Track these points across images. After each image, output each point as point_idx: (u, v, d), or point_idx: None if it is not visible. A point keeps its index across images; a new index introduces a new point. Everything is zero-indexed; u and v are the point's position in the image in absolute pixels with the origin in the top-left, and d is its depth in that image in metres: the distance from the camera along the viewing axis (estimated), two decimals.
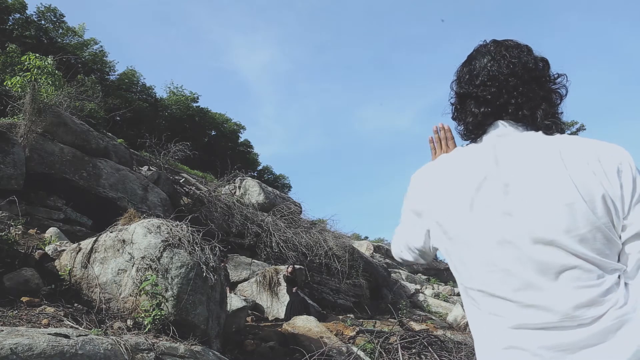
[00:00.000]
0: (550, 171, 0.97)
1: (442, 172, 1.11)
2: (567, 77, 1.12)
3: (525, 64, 1.09)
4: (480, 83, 1.11)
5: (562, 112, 1.13)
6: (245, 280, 10.79)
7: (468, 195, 1.02)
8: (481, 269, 1.00)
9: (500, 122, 1.10)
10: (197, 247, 5.58)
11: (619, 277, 0.96)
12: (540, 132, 1.07)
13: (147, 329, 4.60)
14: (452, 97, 1.22)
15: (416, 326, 9.96)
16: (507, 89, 1.09)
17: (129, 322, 4.71)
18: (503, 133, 1.09)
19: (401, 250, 1.30)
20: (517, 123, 1.10)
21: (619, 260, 0.97)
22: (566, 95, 1.12)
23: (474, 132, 1.15)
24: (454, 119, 1.23)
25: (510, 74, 1.09)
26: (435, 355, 6.44)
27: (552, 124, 1.09)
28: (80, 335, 3.60)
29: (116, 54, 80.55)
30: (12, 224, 6.53)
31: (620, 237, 0.96)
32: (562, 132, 1.09)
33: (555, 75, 1.12)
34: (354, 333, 7.99)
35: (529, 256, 0.95)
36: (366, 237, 25.66)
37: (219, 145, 31.33)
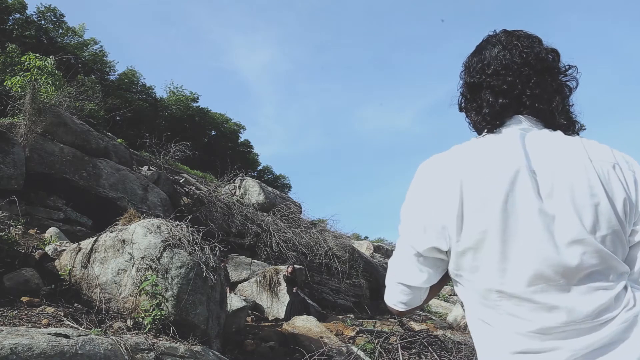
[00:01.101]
0: (581, 171, 0.96)
1: (465, 162, 1.01)
2: (577, 69, 1.10)
3: (538, 54, 1.07)
4: (493, 72, 1.08)
5: (573, 104, 1.11)
6: (245, 280, 10.80)
7: (502, 190, 0.95)
8: (506, 268, 0.96)
9: (521, 117, 1.07)
10: (197, 247, 5.58)
11: (629, 279, 0.98)
12: (559, 132, 1.05)
13: (147, 329, 4.60)
14: (461, 87, 1.17)
15: (416, 326, 9.96)
16: (521, 79, 1.06)
17: (129, 322, 4.71)
18: (525, 128, 1.05)
19: (410, 275, 1.07)
20: (535, 119, 1.07)
21: (626, 264, 0.99)
22: (576, 87, 1.10)
23: (491, 122, 1.09)
24: (462, 109, 1.18)
25: (524, 63, 1.06)
26: (435, 355, 6.44)
27: (568, 123, 1.08)
28: (80, 335, 3.60)
29: (116, 54, 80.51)
30: (12, 224, 6.53)
31: (628, 242, 0.98)
32: (577, 131, 1.09)
33: (567, 67, 1.10)
34: (354, 333, 7.99)
35: (558, 256, 0.93)
36: (366, 237, 25.64)
37: (219, 145, 31.33)
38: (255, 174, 30.26)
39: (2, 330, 3.35)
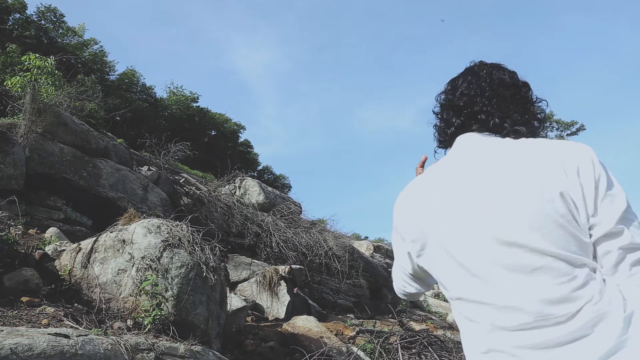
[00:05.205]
0: (513, 172, 1.00)
1: (418, 189, 1.16)
2: (547, 102, 1.18)
3: (503, 80, 1.17)
4: (459, 93, 1.19)
5: (541, 132, 1.19)
6: (245, 280, 10.79)
7: (440, 205, 1.06)
8: (458, 275, 1.02)
9: (469, 133, 1.16)
10: (197, 247, 5.58)
11: (594, 272, 0.96)
12: (507, 138, 1.11)
13: (147, 329, 4.60)
14: (435, 107, 1.30)
15: (416, 326, 9.96)
16: (481, 99, 1.15)
17: (129, 322, 4.71)
18: (470, 141, 1.14)
19: (404, 286, 1.30)
20: (485, 131, 1.15)
21: (594, 259, 0.97)
22: (544, 118, 1.19)
23: (442, 136, 1.24)
24: (434, 127, 1.31)
25: (487, 86, 1.16)
26: (435, 355, 6.44)
27: (521, 130, 1.13)
28: (80, 335, 3.60)
29: (116, 54, 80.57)
30: (12, 224, 6.53)
31: (590, 236, 0.97)
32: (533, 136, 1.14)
33: (536, 99, 1.18)
34: (354, 333, 7.99)
35: (498, 258, 0.96)
36: (366, 237, 25.64)
37: (219, 145, 31.30)
38: (255, 174, 30.26)
39: (2, 330, 3.35)
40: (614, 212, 0.95)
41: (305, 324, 7.80)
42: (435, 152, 1.29)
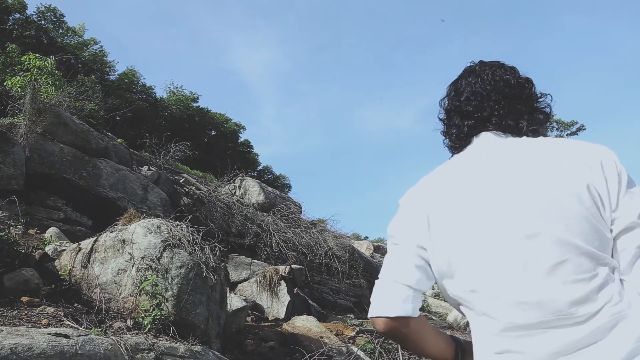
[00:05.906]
0: (536, 168, 0.99)
1: (430, 188, 1.13)
2: (551, 96, 1.18)
3: (507, 81, 1.16)
4: (465, 98, 1.18)
5: (547, 125, 1.19)
6: (245, 280, 10.79)
7: (458, 200, 1.04)
8: (475, 268, 1.00)
9: (484, 132, 1.15)
10: (197, 247, 5.58)
11: (613, 272, 0.95)
12: (524, 137, 1.11)
13: (147, 329, 4.60)
14: (440, 113, 1.28)
15: None
16: (489, 103, 1.15)
17: (129, 322, 4.71)
18: (487, 140, 1.13)
19: (395, 276, 1.10)
20: (501, 131, 1.14)
21: (612, 257, 0.96)
22: (550, 112, 1.19)
23: (456, 142, 1.20)
24: (442, 133, 1.30)
25: (492, 89, 1.15)
26: None
27: (539, 130, 1.13)
28: (80, 335, 3.60)
29: (116, 54, 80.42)
30: (12, 224, 6.53)
31: (611, 231, 0.96)
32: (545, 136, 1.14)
33: (540, 94, 1.18)
34: (354, 333, 7.99)
35: (520, 251, 0.95)
36: (366, 237, 25.63)
37: (219, 145, 31.29)
38: (255, 174, 30.24)
39: (2, 330, 3.35)
40: (634, 207, 0.95)
41: (305, 324, 7.80)
42: (452, 155, 1.26)
